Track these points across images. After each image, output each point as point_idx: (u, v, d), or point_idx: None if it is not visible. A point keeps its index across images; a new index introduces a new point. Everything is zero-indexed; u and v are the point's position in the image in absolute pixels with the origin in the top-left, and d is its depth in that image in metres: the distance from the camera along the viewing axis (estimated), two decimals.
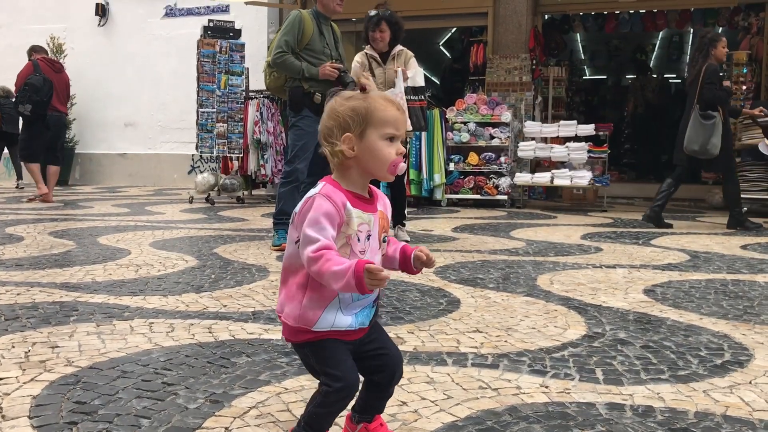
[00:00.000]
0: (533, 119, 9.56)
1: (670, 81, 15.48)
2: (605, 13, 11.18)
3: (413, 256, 1.39)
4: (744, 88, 9.18)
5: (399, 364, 1.44)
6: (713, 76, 5.89)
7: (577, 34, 13.15)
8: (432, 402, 1.76)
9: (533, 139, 8.61)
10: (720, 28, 11.26)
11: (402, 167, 1.38)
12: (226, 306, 2.81)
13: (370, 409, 1.48)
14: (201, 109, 8.14)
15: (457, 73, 13.10)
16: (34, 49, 8.27)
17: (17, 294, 2.95)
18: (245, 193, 8.83)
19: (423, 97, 5.17)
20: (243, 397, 1.78)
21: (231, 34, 8.38)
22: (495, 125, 8.71)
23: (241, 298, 2.96)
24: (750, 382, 1.96)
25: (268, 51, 4.83)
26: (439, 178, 8.49)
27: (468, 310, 2.81)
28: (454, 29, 12.98)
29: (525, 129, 8.71)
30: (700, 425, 1.64)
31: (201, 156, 8.35)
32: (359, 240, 1.33)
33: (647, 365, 2.10)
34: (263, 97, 8.58)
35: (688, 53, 14.35)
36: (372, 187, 1.41)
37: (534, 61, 10.12)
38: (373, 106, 1.35)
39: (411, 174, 8.34)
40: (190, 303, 2.85)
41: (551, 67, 10.97)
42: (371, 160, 1.35)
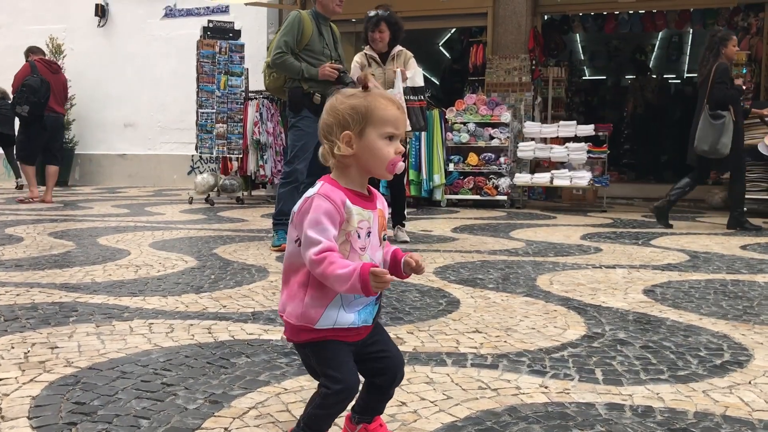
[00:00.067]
0: (533, 120, 9.56)
1: (670, 81, 15.48)
2: (605, 13, 11.18)
3: (403, 262, 1.39)
4: (743, 88, 9.18)
5: (400, 367, 1.44)
6: (724, 75, 5.87)
7: (577, 35, 13.15)
8: (431, 402, 1.76)
9: (533, 139, 8.61)
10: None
11: (401, 166, 1.38)
12: (225, 306, 2.81)
13: (370, 410, 1.48)
14: (201, 110, 8.14)
15: (456, 74, 13.10)
16: (31, 50, 8.27)
17: (17, 295, 2.95)
18: (245, 193, 8.83)
19: (422, 97, 5.17)
20: (242, 397, 1.78)
21: (230, 35, 8.38)
22: (494, 126, 8.71)
23: (240, 299, 2.96)
24: (749, 383, 1.96)
25: (268, 51, 4.83)
26: (438, 178, 8.49)
27: (467, 310, 2.81)
28: (454, 30, 12.97)
29: (524, 129, 8.71)
30: (700, 425, 1.64)
31: (201, 156, 8.35)
32: (359, 237, 1.33)
33: (647, 365, 2.10)
34: (263, 97, 8.58)
35: (688, 53, 14.39)
36: (370, 187, 1.42)
37: (533, 62, 10.12)
38: (373, 104, 1.35)
39: (410, 174, 8.34)
40: (189, 303, 2.85)
41: (551, 67, 10.96)
42: (370, 158, 1.35)
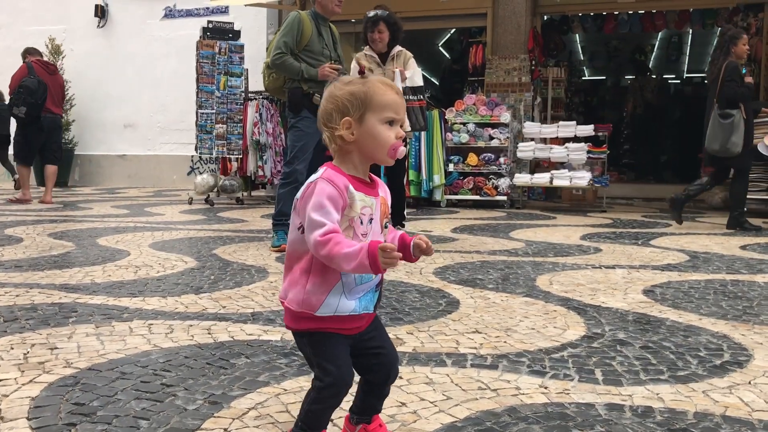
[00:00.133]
0: (532, 120, 9.57)
1: (669, 82, 15.49)
2: (604, 13, 11.19)
3: (412, 244, 1.36)
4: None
5: (394, 364, 1.44)
6: (734, 73, 5.87)
7: (576, 35, 13.16)
8: (431, 403, 1.76)
9: (532, 139, 8.61)
10: (719, 29, 11.26)
11: (402, 151, 1.38)
12: (225, 307, 2.80)
13: (368, 409, 1.48)
14: (200, 110, 8.14)
15: (456, 74, 13.10)
16: (28, 52, 8.27)
17: (16, 295, 2.95)
18: (244, 194, 8.84)
19: (422, 96, 5.17)
20: (242, 398, 1.78)
21: (230, 35, 8.38)
22: (494, 126, 8.71)
23: (240, 299, 2.95)
24: (749, 383, 1.96)
25: (267, 52, 4.83)
26: (438, 178, 8.49)
27: (467, 310, 2.81)
28: (453, 30, 12.98)
29: (524, 130, 8.72)
30: (700, 426, 1.64)
31: (200, 157, 8.36)
32: (362, 223, 1.33)
33: (646, 366, 2.10)
34: (262, 98, 8.59)
35: (687, 53, 14.39)
36: (372, 175, 1.41)
37: (533, 62, 10.13)
38: (372, 90, 1.35)
39: (410, 175, 8.34)
40: (189, 304, 2.85)
41: (550, 67, 10.97)
42: (371, 144, 1.35)
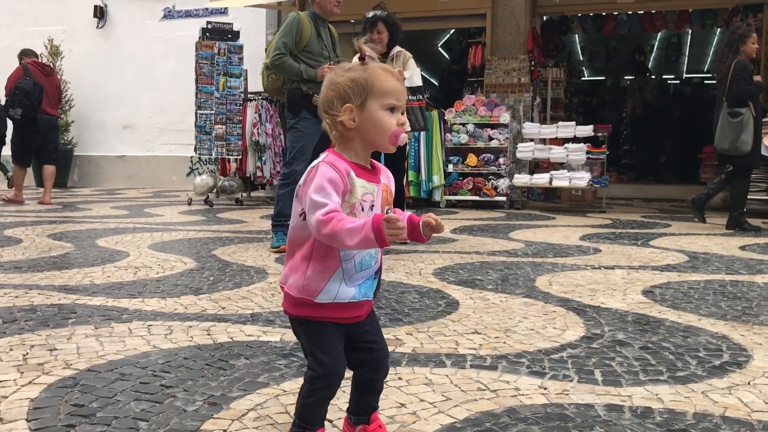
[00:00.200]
0: (532, 120, 9.57)
1: (669, 82, 15.49)
2: (603, 14, 11.19)
3: (422, 223, 1.34)
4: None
5: (384, 360, 1.45)
6: (743, 71, 5.86)
7: (576, 36, 13.16)
8: (430, 404, 1.76)
9: (532, 140, 8.62)
10: (718, 30, 11.28)
11: (404, 137, 1.38)
12: (224, 308, 2.80)
13: (364, 407, 1.48)
14: (199, 111, 8.15)
15: (455, 75, 13.10)
16: (24, 53, 8.26)
17: (15, 296, 2.95)
18: (244, 194, 8.83)
19: (421, 96, 5.17)
20: (241, 399, 1.77)
21: (229, 36, 8.38)
22: (494, 126, 8.71)
23: (239, 300, 2.95)
24: (749, 383, 1.96)
25: (267, 53, 4.83)
26: (437, 179, 8.49)
27: (467, 311, 2.81)
28: (453, 31, 12.99)
29: (523, 130, 8.72)
30: (699, 426, 1.64)
31: (200, 158, 8.35)
32: (363, 209, 1.33)
33: (646, 366, 2.10)
34: (262, 98, 8.58)
35: (687, 54, 14.39)
36: (374, 161, 1.41)
37: (532, 63, 10.13)
38: (373, 76, 1.35)
39: (410, 175, 8.34)
40: (188, 305, 2.84)
41: (550, 68, 10.97)
42: (373, 130, 1.35)
